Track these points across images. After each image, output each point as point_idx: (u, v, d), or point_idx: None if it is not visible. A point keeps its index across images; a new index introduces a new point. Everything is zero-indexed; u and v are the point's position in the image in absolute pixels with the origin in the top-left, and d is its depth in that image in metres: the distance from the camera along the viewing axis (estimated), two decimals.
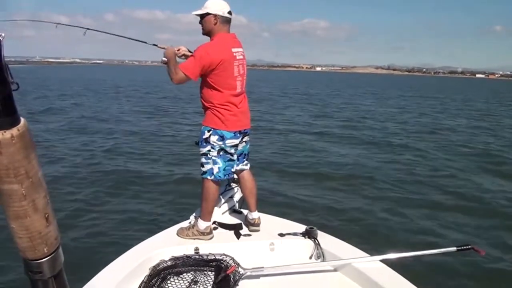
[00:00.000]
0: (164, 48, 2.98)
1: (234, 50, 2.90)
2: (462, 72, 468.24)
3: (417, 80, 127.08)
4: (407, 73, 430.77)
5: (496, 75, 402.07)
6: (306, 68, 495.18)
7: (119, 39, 3.26)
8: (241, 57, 2.97)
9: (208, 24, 2.89)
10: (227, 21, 2.92)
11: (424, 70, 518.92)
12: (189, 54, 3.08)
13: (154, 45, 3.17)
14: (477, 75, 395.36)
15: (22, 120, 0.69)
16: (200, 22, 2.94)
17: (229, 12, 2.91)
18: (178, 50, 3.06)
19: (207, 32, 2.93)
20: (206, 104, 2.95)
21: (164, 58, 2.82)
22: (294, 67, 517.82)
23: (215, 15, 2.86)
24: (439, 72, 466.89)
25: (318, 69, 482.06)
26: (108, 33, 3.34)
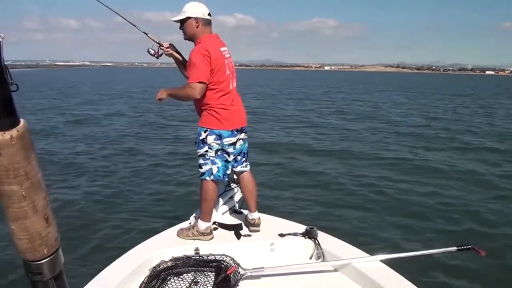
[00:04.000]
0: (153, 40, 3.11)
1: (222, 49, 2.94)
2: (472, 69, 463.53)
3: (428, 78, 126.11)
4: (416, 71, 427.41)
5: (507, 72, 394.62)
6: (315, 67, 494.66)
7: (127, 43, 3.29)
8: (228, 55, 3.00)
9: (190, 28, 2.91)
10: (208, 23, 2.96)
11: (433, 67, 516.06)
12: (176, 53, 3.19)
13: (144, 33, 3.19)
14: (487, 72, 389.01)
15: (22, 121, 0.69)
16: (181, 28, 2.96)
17: (209, 14, 2.95)
18: (167, 47, 3.09)
19: (190, 37, 2.95)
20: (201, 105, 2.95)
21: (151, 50, 2.96)
22: (303, 66, 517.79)
23: (196, 19, 2.89)
24: (449, 70, 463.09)
25: (327, 68, 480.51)
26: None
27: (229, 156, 3.01)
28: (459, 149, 10.87)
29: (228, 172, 3.09)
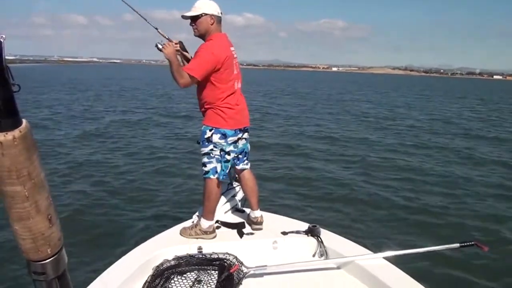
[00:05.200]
0: (163, 36, 2.99)
1: (231, 49, 2.95)
2: (480, 74, 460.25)
3: (438, 81, 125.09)
4: (424, 74, 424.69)
5: None
6: (323, 68, 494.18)
7: (136, 41, 3.16)
8: (236, 55, 3.01)
9: (205, 25, 2.88)
10: (220, 21, 2.94)
11: (441, 71, 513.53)
12: (184, 52, 3.09)
13: (155, 28, 3.12)
14: (495, 77, 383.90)
15: (24, 121, 0.69)
16: (192, 24, 2.91)
17: (221, 12, 2.93)
18: (176, 43, 2.98)
19: (202, 33, 2.91)
20: (207, 104, 2.94)
21: (159, 45, 2.80)
22: (311, 67, 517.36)
23: (211, 15, 2.86)
24: (457, 73, 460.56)
25: (335, 69, 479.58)
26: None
27: (229, 155, 3.02)
28: (460, 149, 10.87)
29: (238, 168, 3.12)
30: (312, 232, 2.93)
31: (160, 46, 2.80)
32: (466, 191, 6.83)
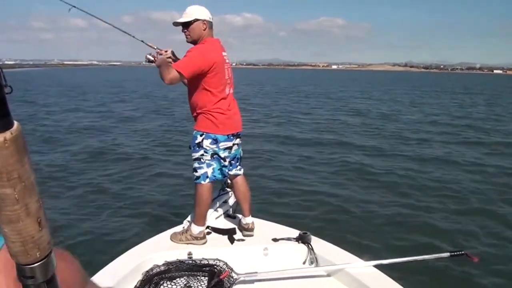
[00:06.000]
0: (151, 47, 3.09)
1: (223, 53, 2.96)
2: (480, 68, 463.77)
3: (440, 77, 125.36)
4: (424, 70, 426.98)
5: None
6: (323, 66, 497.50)
7: (135, 42, 3.25)
8: (228, 61, 3.03)
9: (197, 31, 2.91)
10: (212, 26, 2.98)
11: (441, 66, 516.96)
12: (174, 58, 3.11)
13: (141, 41, 3.18)
14: (495, 71, 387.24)
15: (15, 123, 0.69)
16: (184, 30, 2.94)
17: (211, 17, 2.98)
18: (166, 51, 3.06)
19: (195, 39, 2.95)
20: (198, 109, 2.95)
21: (149, 56, 2.89)
22: (311, 65, 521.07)
23: (203, 21, 2.89)
24: (457, 69, 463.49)
25: (334, 67, 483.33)
26: (94, 16, 3.40)
27: (224, 160, 3.02)
28: (459, 149, 10.92)
29: (230, 173, 3.12)
30: (303, 239, 2.94)
31: (151, 58, 2.88)
32: (462, 197, 6.84)
